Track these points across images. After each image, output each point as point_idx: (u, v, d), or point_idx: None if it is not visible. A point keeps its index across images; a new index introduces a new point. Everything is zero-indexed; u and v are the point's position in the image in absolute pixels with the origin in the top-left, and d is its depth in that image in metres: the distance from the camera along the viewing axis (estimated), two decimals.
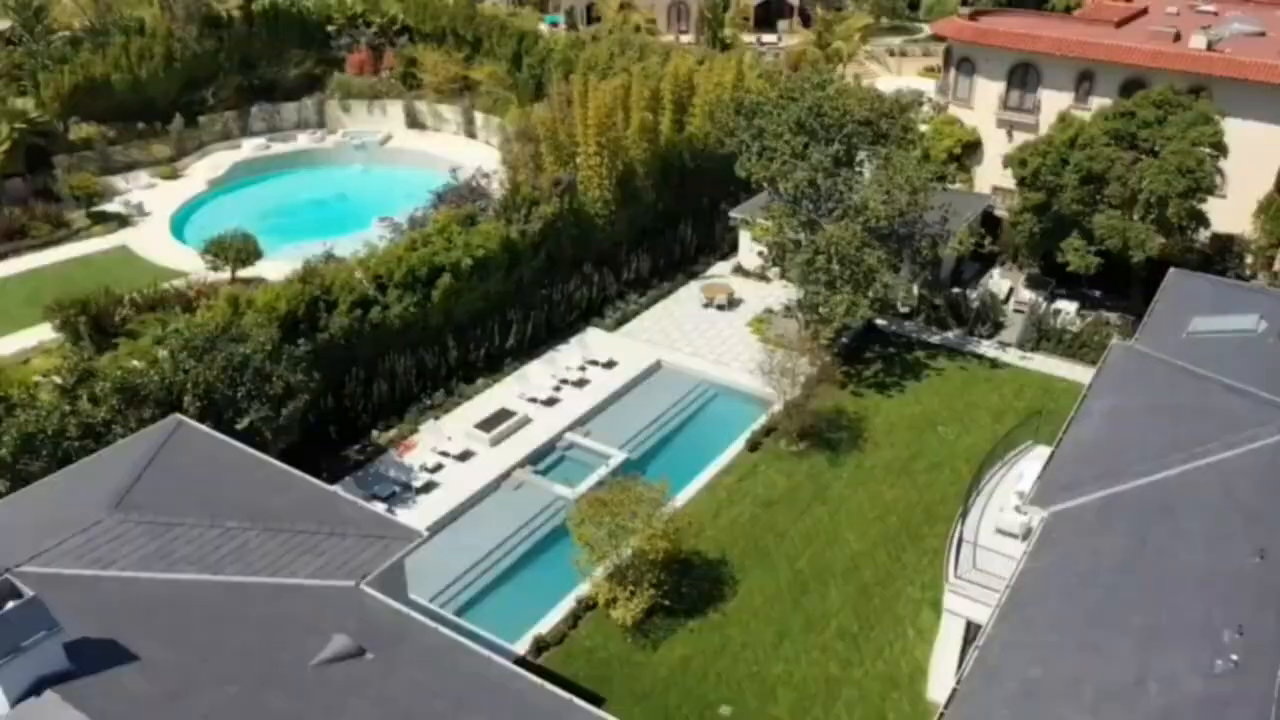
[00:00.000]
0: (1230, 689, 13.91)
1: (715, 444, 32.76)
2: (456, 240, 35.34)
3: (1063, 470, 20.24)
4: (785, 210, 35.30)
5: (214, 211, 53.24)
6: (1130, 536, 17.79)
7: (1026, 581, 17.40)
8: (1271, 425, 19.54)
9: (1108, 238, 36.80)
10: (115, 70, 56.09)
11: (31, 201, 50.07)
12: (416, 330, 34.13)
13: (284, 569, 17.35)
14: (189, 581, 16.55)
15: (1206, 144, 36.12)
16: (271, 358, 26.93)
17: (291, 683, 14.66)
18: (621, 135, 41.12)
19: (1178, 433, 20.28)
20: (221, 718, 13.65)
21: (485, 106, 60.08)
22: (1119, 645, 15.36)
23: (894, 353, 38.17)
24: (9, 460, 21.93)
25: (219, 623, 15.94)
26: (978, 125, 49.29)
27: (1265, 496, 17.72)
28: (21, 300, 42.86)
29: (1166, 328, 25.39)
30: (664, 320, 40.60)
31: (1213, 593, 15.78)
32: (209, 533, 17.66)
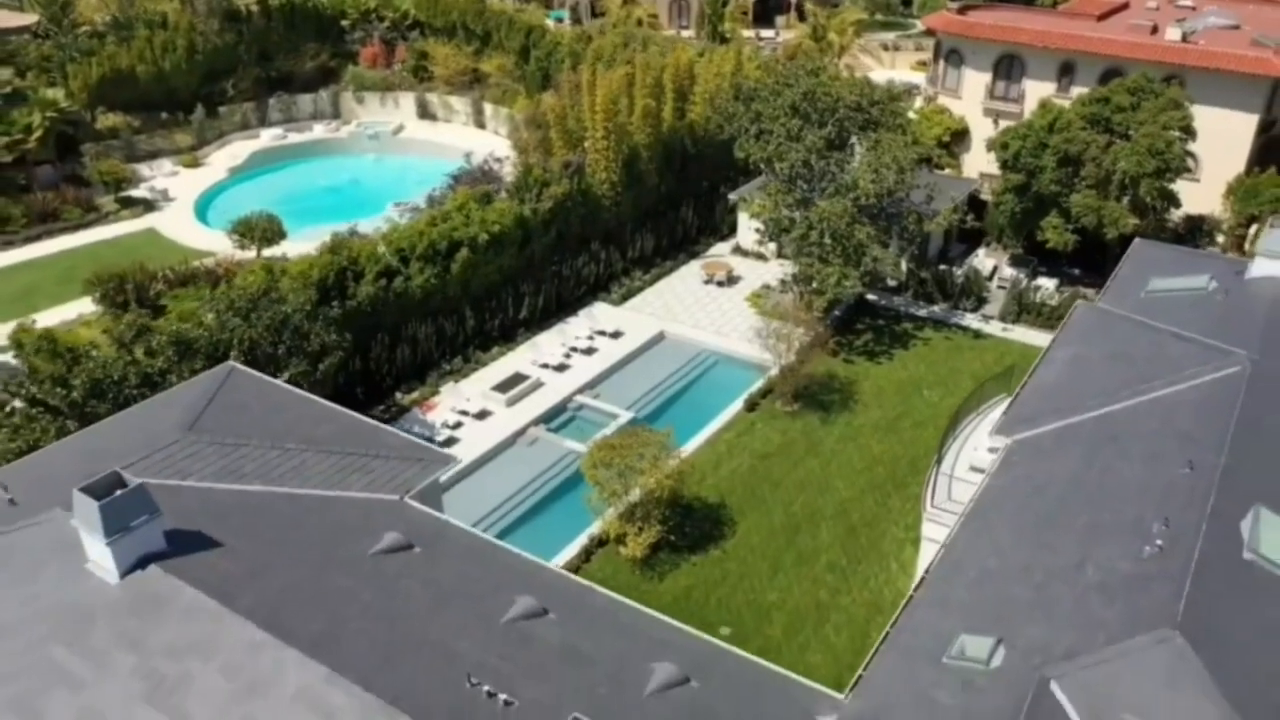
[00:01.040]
0: (1155, 569, 16.32)
1: (715, 405, 35.18)
2: (473, 217, 37.76)
3: (1025, 406, 22.68)
4: (781, 189, 37.73)
5: (234, 197, 55.55)
6: (1080, 458, 20.21)
7: (988, 495, 19.85)
8: (1210, 365, 21.99)
9: (1083, 215, 39.24)
10: (140, 62, 58.46)
11: (62, 187, 52.45)
12: (436, 300, 36.53)
13: (337, 484, 19.75)
14: (256, 492, 18.93)
15: (1176, 127, 38.56)
16: (309, 317, 29.36)
17: (351, 568, 17.05)
18: (627, 121, 43.56)
19: (1129, 374, 22.71)
20: (296, 591, 16.02)
21: (494, 98, 62.48)
22: (1064, 540, 17.80)
23: (883, 324, 40.62)
24: (80, 402, 24.32)
25: (284, 525, 18.31)
26: (965, 114, 51.75)
27: (1199, 422, 20.14)
28: (56, 278, 45.20)
29: (1127, 288, 27.83)
30: (667, 295, 43.04)
31: (1148, 498, 18.19)
32: (270, 453, 20.07)
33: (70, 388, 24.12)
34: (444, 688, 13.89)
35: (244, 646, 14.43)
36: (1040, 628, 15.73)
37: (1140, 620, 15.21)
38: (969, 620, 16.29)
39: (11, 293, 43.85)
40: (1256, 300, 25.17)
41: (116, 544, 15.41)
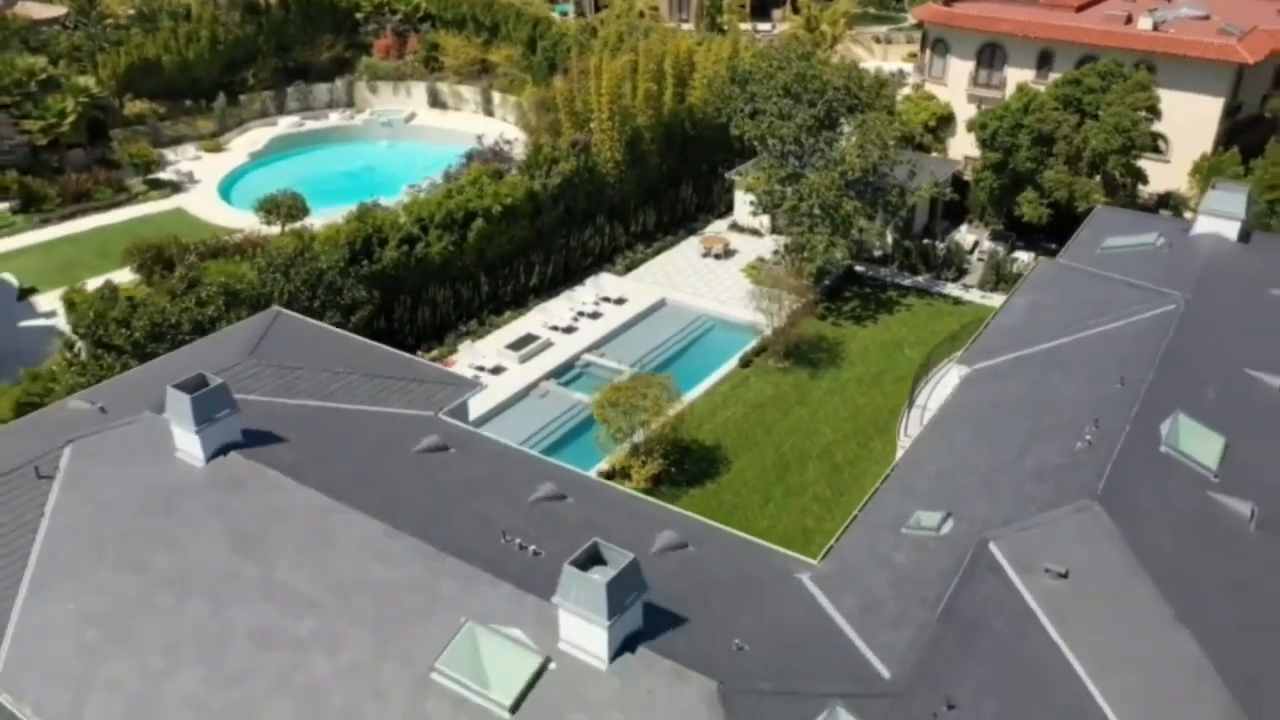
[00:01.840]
0: (1083, 458, 19.15)
1: (712, 362, 38.04)
2: (487, 190, 40.63)
3: (984, 342, 25.55)
4: (773, 164, 40.58)
5: (255, 180, 58.33)
6: (1028, 380, 23.06)
7: (948, 410, 22.71)
8: (1149, 304, 24.84)
9: (1056, 190, 42.08)
10: (165, 52, 61.37)
11: (94, 169, 55.28)
12: (454, 266, 39.39)
13: (379, 402, 22.58)
14: (310, 406, 21.75)
15: (1142, 107, 41.41)
16: (341, 274, 32.20)
17: (398, 462, 19.88)
18: (630, 104, 46.41)
19: (1078, 314, 25.54)
20: (353, 475, 18.78)
21: (502, 87, 65.32)
22: (1009, 441, 20.63)
23: (870, 292, 43.48)
24: (141, 343, 27.19)
25: (336, 431, 21.13)
26: (951, 100, 54.65)
27: (1135, 349, 22.96)
28: (93, 252, 48.02)
29: (1085, 247, 30.69)
30: (667, 267, 45.90)
31: (1083, 408, 21.00)
32: (320, 375, 22.90)
33: (133, 329, 26.97)
34: (483, 542, 16.71)
35: (314, 511, 17.27)
36: (983, 505, 18.56)
37: (1066, 495, 18.05)
38: (925, 502, 19.12)
39: (53, 265, 46.63)
40: (1197, 252, 28.04)
41: (203, 432, 18.27)
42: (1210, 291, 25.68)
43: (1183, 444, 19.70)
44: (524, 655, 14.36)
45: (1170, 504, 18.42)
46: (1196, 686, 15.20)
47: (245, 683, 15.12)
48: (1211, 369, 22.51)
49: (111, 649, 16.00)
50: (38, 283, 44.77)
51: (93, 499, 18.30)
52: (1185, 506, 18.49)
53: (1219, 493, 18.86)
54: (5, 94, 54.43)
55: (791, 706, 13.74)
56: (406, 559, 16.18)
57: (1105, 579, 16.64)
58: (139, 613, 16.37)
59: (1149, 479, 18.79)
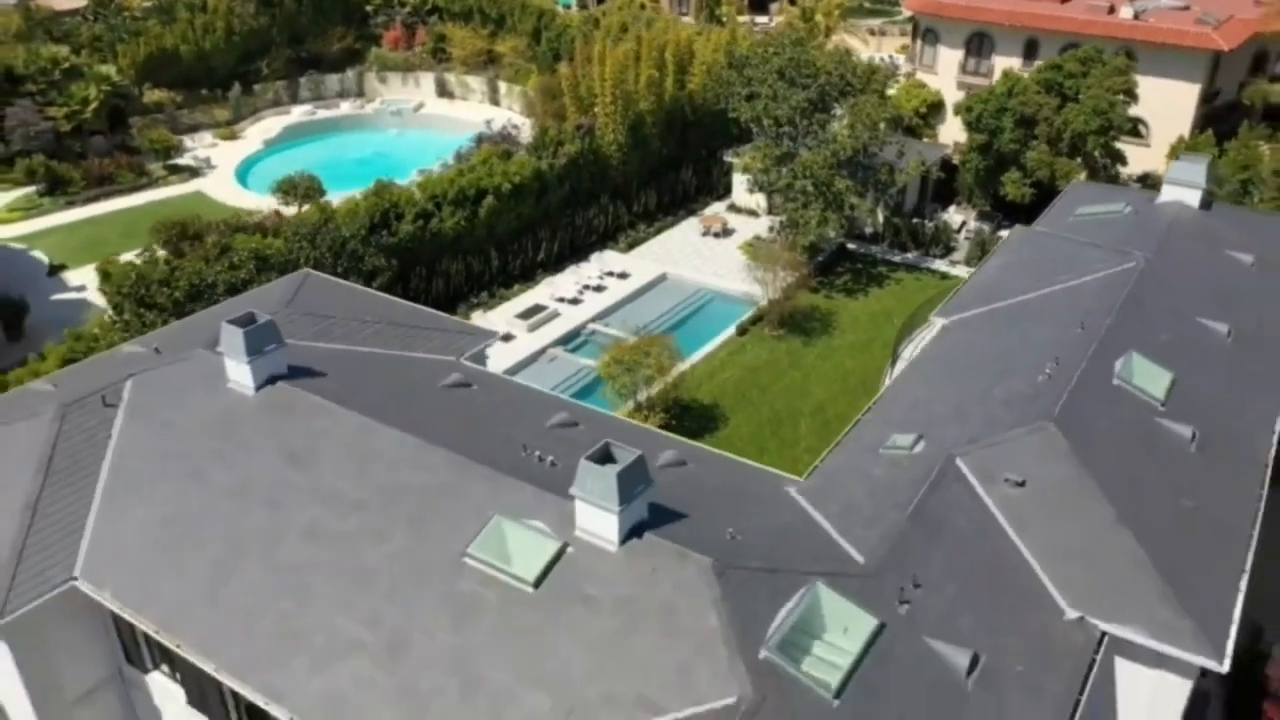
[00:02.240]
0: (1044, 389, 21.27)
1: (711, 331, 40.20)
2: (496, 169, 42.79)
3: (961, 298, 27.68)
4: (769, 144, 42.72)
5: (270, 166, 60.42)
6: (999, 328, 25.20)
7: (925, 354, 24.85)
8: (1113, 263, 26.97)
9: (1038, 170, 44.23)
10: (182, 42, 63.58)
11: (115, 155, 57.42)
12: (466, 241, 41.53)
13: (407, 348, 24.65)
14: (344, 350, 23.85)
15: (1119, 91, 43.55)
16: (363, 243, 34.33)
17: (425, 395, 21.99)
18: (633, 90, 48.54)
19: (1048, 272, 27.66)
20: (388, 403, 20.84)
21: (508, 77, 67.50)
22: (979, 378, 22.75)
23: (861, 268, 45.64)
24: (181, 302, 29.34)
25: (370, 369, 23.22)
26: (941, 88, 56.86)
27: (1096, 300, 25.06)
28: (118, 231, 50.14)
29: (1059, 215, 32.84)
30: (668, 244, 48.07)
31: (1046, 349, 23.10)
32: (351, 324, 25.01)
33: (174, 288, 29.12)
34: (506, 455, 18.79)
35: (355, 429, 19.40)
36: (953, 429, 20.66)
37: (1025, 419, 20.18)
38: (901, 428, 21.23)
39: (79, 244, 48.77)
40: (1160, 218, 30.17)
41: (253, 363, 20.39)
42: (1170, 252, 27.84)
43: (1135, 378, 21.85)
44: (545, 541, 16.49)
45: (1119, 427, 20.55)
46: (1133, 574, 17.33)
47: (299, 570, 17.25)
48: (1165, 317, 24.65)
49: (178, 545, 18.14)
50: (66, 259, 46.88)
51: (154, 423, 20.43)
52: (1133, 429, 20.63)
53: (1164, 419, 21.02)
54: (31, 82, 56.62)
55: (777, 581, 15.87)
56: (439, 467, 18.32)
57: (1057, 487, 18.78)
58: (202, 516, 18.52)
59: (1101, 406, 20.93)
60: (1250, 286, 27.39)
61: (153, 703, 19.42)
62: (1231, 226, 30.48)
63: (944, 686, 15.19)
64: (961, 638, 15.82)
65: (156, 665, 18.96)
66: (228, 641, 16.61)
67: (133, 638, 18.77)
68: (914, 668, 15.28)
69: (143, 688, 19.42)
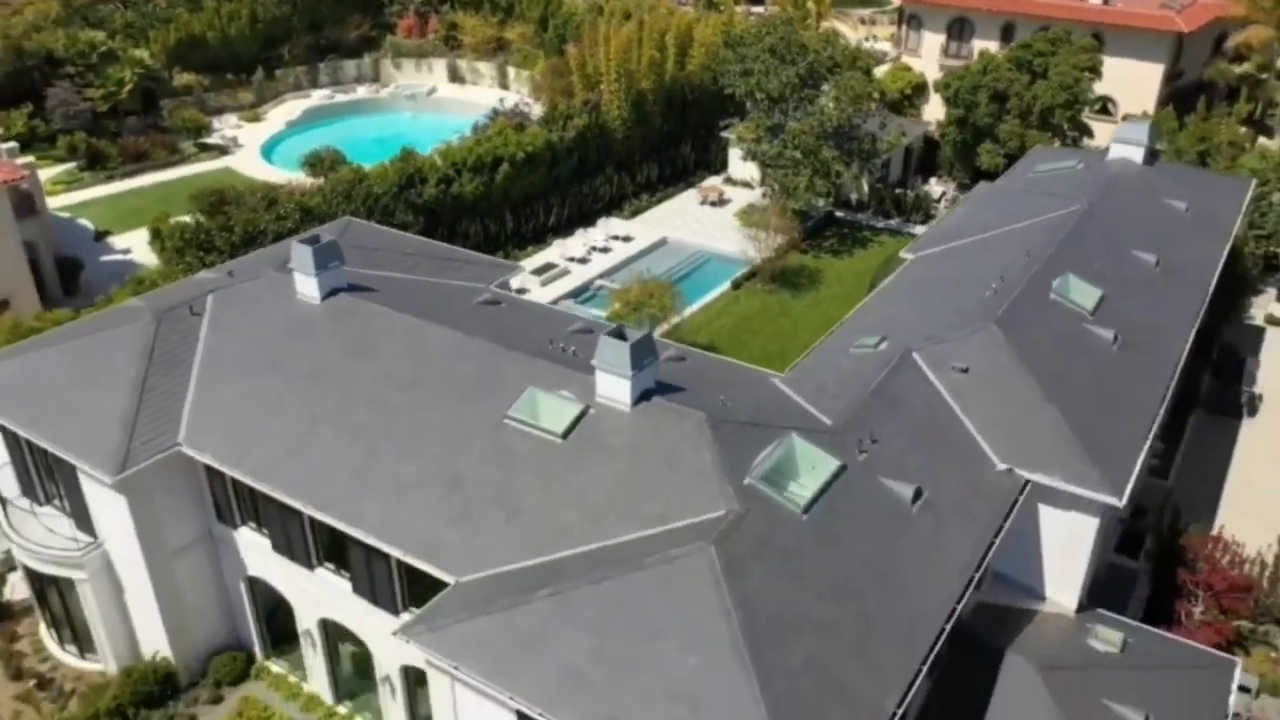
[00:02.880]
0: (989, 301, 24.99)
1: (708, 286, 43.94)
2: (511, 140, 46.52)
3: (927, 238, 31.46)
4: (761, 117, 46.42)
5: (292, 146, 64.03)
6: (957, 261, 28.91)
7: (894, 281, 28.59)
8: (1059, 207, 30.69)
9: (1010, 141, 47.94)
10: (209, 29, 67.28)
11: (150, 133, 61.10)
12: (483, 205, 45.24)
13: (443, 276, 28.36)
14: (389, 275, 27.55)
15: (1084, 68, 47.28)
16: (394, 199, 38.03)
17: (461, 310, 25.59)
18: (636, 69, 52.25)
19: (1004, 217, 31.38)
20: (433, 312, 24.42)
21: (516, 62, 71.17)
22: (936, 296, 26.46)
23: (847, 232, 49.39)
24: (237, 245, 33.03)
25: (413, 291, 26.90)
26: (925, 71, 60.58)
27: (1042, 237, 28.75)
28: (155, 202, 53.49)
29: (1020, 173, 36.63)
30: (669, 212, 51.80)
31: (993, 273, 26.79)
32: (396, 256, 28.72)
33: (232, 231, 32.82)
34: (537, 346, 22.48)
35: (408, 328, 23.12)
36: (911, 333, 24.27)
37: (972, 323, 23.91)
38: (868, 334, 24.96)
39: (120, 213, 52.40)
40: (1107, 171, 33.93)
41: (319, 276, 24.10)
42: (1112, 198, 31.59)
43: (1069, 294, 25.58)
44: (570, 404, 20.20)
45: (1052, 330, 24.28)
46: (1054, 437, 21.05)
47: (367, 432, 20.95)
48: (1101, 249, 28.37)
49: (263, 417, 21.84)
50: (109, 226, 50.54)
51: (235, 327, 24.13)
52: (1063, 332, 24.36)
53: (1092, 325, 24.76)
54: (70, 65, 60.25)
55: (759, 433, 19.57)
56: (480, 354, 22.02)
57: (995, 374, 22.50)
58: (281, 395, 22.22)
59: (1038, 314, 24.66)
60: (1181, 228, 31.16)
61: (238, 556, 23.10)
62: (1170, 179, 34.27)
63: (892, 510, 18.91)
64: (908, 478, 19.54)
65: (244, 521, 22.64)
66: (311, 487, 20.32)
67: (225, 497, 22.45)
68: (868, 496, 19.01)
69: (229, 543, 23.12)
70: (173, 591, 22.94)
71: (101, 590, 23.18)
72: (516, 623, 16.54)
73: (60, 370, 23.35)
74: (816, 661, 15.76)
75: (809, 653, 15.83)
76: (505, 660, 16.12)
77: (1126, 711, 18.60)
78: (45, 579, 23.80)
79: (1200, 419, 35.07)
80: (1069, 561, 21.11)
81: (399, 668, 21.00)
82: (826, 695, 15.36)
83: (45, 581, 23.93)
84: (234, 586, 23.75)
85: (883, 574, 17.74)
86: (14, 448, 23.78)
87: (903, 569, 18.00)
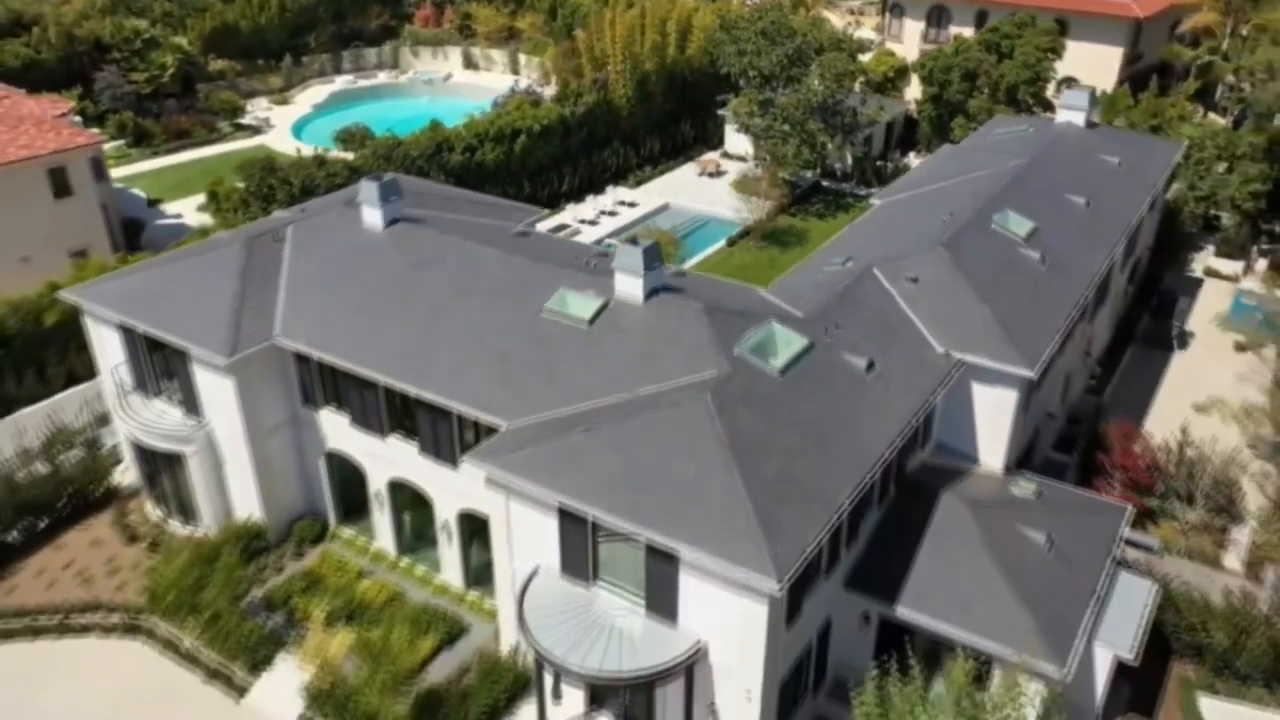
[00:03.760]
0: (939, 230, 30.00)
1: (706, 243, 48.98)
2: (528, 114, 51.57)
3: (893, 186, 36.50)
4: (753, 93, 51.45)
5: (320, 125, 69.15)
6: (916, 204, 33.93)
7: (860, 221, 33.63)
8: (1004, 160, 35.72)
9: (980, 115, 52.96)
10: (242, 18, 72.34)
11: (189, 114, 66.10)
12: (504, 172, 50.26)
13: (480, 216, 33.37)
14: (435, 215, 32.53)
15: (1046, 49, 52.33)
16: (428, 162, 43.05)
17: (502, 239, 30.61)
18: (640, 52, 57.26)
19: (960, 170, 36.42)
20: (479, 237, 29.43)
21: (527, 50, 76.26)
22: (896, 230, 31.48)
23: (831, 199, 54.45)
24: (296, 195, 38.03)
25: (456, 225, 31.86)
26: (906, 55, 65.58)
27: (988, 183, 33.76)
28: (199, 175, 58.62)
29: (979, 137, 41.63)
30: (670, 182, 56.87)
31: (945, 209, 31.80)
32: (438, 200, 33.72)
33: (291, 184, 37.83)
34: (565, 262, 27.50)
35: (459, 248, 28.11)
36: (874, 255, 29.31)
37: (924, 246, 28.92)
38: (838, 257, 29.99)
39: (167, 184, 57.41)
40: (1051, 133, 38.97)
41: (384, 208, 29.12)
42: (1053, 154, 36.64)
43: (1007, 225, 30.58)
44: (594, 299, 25.17)
45: (989, 252, 29.28)
46: (985, 328, 26.02)
47: (430, 327, 25.94)
48: (1039, 192, 33.39)
49: (342, 317, 26.83)
50: (159, 196, 55.53)
51: (313, 250, 29.13)
52: (999, 254, 29.36)
53: (1024, 249, 29.77)
54: (117, 50, 65.30)
55: (746, 320, 24.52)
56: (519, 266, 27.02)
57: (940, 283, 27.49)
58: (356, 301, 27.20)
59: (979, 240, 29.67)
60: (1112, 178, 36.21)
61: (320, 433, 28.10)
62: (1106, 139, 39.35)
63: (850, 376, 23.93)
64: (864, 355, 24.55)
65: (326, 403, 27.63)
66: (386, 365, 25.32)
67: (310, 383, 27.42)
68: (831, 366, 24.01)
69: (312, 424, 28.12)
70: (267, 463, 27.97)
71: (205, 463, 28.19)
72: (557, 450, 21.57)
73: (170, 284, 28.36)
74: (786, 471, 20.78)
75: (780, 466, 20.84)
76: (549, 473, 21.15)
77: (1033, 534, 23.61)
78: (157, 456, 28.79)
79: (1136, 351, 40.11)
80: (996, 429, 26.11)
81: (455, 514, 26.04)
82: (793, 491, 20.36)
83: (157, 458, 28.93)
84: (313, 462, 28.77)
85: (840, 420, 22.75)
86: (131, 348, 28.72)
87: (858, 417, 23.01)
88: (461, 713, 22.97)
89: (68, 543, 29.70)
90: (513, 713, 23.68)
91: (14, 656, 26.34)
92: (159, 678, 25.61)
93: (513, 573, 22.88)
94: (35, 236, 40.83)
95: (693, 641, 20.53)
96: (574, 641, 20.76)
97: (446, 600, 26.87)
